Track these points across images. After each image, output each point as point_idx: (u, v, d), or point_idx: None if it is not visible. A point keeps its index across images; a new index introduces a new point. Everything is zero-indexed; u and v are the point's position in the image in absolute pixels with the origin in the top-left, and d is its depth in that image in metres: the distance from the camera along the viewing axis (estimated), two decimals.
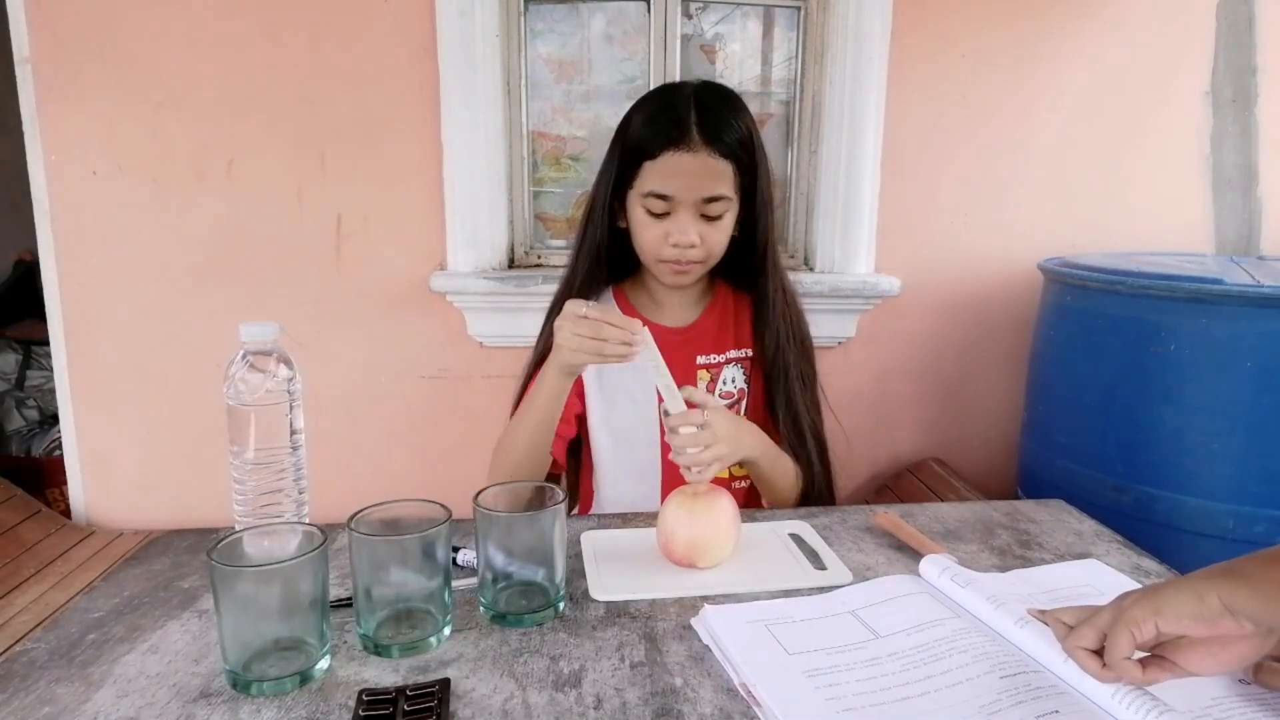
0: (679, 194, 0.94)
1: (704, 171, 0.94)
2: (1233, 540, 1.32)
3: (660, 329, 1.05)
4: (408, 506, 0.66)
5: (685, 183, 0.94)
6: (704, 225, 0.96)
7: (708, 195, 0.94)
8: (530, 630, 0.66)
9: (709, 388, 1.05)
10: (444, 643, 0.64)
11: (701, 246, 0.97)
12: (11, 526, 1.76)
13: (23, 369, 2.51)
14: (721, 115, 0.95)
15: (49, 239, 1.71)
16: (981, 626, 0.64)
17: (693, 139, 0.93)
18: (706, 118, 0.94)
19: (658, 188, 0.95)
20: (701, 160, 0.94)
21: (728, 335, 1.08)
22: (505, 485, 0.72)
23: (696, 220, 0.96)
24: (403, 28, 1.70)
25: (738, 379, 1.07)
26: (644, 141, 0.96)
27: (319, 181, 1.75)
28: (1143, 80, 1.90)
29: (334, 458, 1.82)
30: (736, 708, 0.56)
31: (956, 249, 1.94)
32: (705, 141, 0.94)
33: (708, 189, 0.94)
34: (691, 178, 0.94)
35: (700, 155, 0.94)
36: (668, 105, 0.96)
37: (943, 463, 1.97)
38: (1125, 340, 1.42)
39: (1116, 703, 0.52)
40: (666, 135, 0.94)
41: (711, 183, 0.95)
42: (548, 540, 0.67)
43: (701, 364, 1.06)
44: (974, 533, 0.87)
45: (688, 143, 0.93)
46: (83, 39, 1.65)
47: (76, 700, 0.56)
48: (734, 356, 1.07)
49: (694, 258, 0.97)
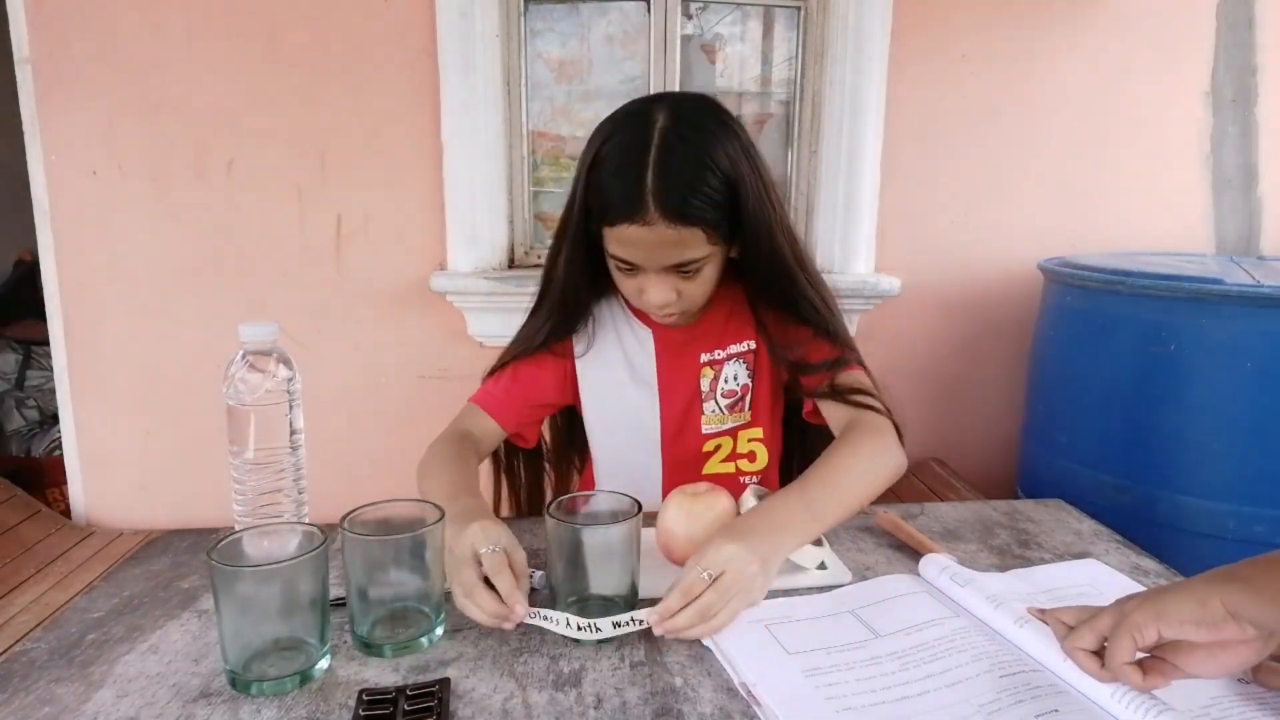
0: (643, 263, 0.88)
1: (665, 243, 0.86)
2: (1233, 540, 1.32)
3: (663, 330, 1.03)
4: (401, 506, 0.66)
5: (647, 254, 0.87)
6: (679, 281, 0.90)
7: (673, 263, 0.88)
8: (530, 630, 0.65)
9: (711, 386, 1.03)
10: (436, 642, 0.64)
11: (679, 300, 0.91)
12: (11, 526, 1.76)
13: (23, 369, 2.51)
14: (684, 176, 0.83)
15: (49, 239, 1.71)
16: (981, 626, 0.64)
17: (649, 214, 0.82)
18: (666, 184, 0.83)
19: (620, 254, 0.88)
20: (659, 233, 0.84)
21: (730, 328, 1.04)
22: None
23: (670, 279, 0.89)
24: (403, 28, 1.70)
25: (740, 375, 1.04)
26: (602, 205, 0.87)
27: (319, 181, 1.75)
28: (1143, 80, 1.90)
29: (334, 458, 1.81)
30: (736, 707, 0.56)
31: (956, 249, 1.94)
32: (663, 215, 0.83)
33: (673, 257, 0.87)
34: (652, 250, 0.86)
35: (658, 229, 0.83)
36: (627, 162, 0.85)
37: (943, 463, 1.97)
38: (1125, 340, 1.42)
39: (1116, 701, 0.52)
40: (620, 209, 0.84)
41: (675, 252, 0.87)
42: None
43: (705, 361, 1.03)
44: (973, 532, 0.87)
45: (644, 218, 0.83)
46: (83, 39, 1.65)
47: (76, 700, 0.56)
48: (736, 351, 1.04)
49: (671, 312, 0.92)
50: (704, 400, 1.03)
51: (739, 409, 1.04)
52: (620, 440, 1.06)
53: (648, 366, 1.03)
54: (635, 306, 0.98)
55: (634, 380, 1.04)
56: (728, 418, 1.03)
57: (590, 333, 1.04)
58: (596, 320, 1.04)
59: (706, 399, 1.03)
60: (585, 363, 1.05)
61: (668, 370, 1.03)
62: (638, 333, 1.04)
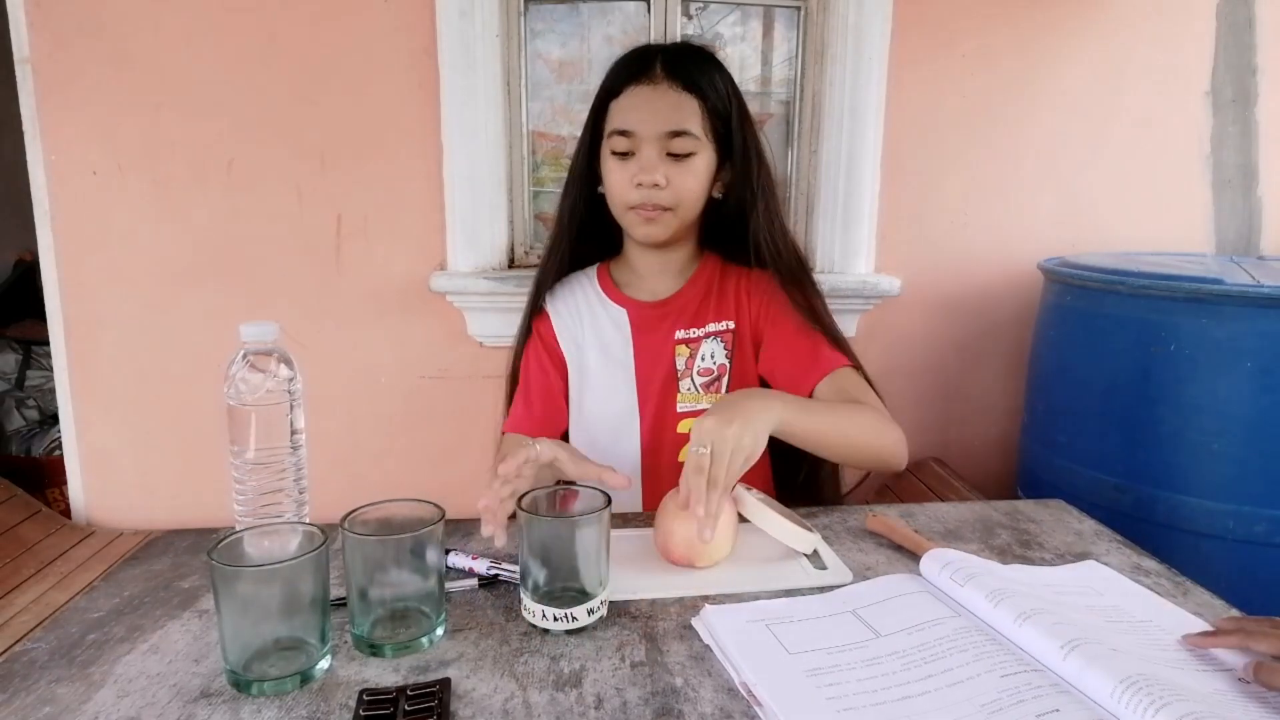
0: (640, 128, 0.93)
1: (666, 105, 0.94)
2: (1233, 540, 1.32)
3: (636, 304, 1.04)
4: (401, 506, 0.66)
5: (647, 116, 0.93)
6: (671, 166, 0.94)
7: (671, 129, 0.93)
8: (531, 631, 0.65)
9: (688, 364, 1.02)
10: (437, 643, 0.64)
11: (669, 190, 0.94)
12: (11, 526, 1.76)
13: (23, 369, 2.51)
14: (689, 55, 0.97)
15: (49, 239, 1.71)
16: (982, 625, 0.64)
17: (655, 73, 0.94)
18: (672, 56, 0.95)
19: (620, 124, 0.95)
20: (662, 93, 0.94)
21: (708, 307, 1.04)
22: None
23: (662, 159, 0.94)
24: (403, 28, 1.70)
25: (717, 354, 1.02)
26: (609, 82, 0.97)
27: (319, 181, 1.74)
28: (1143, 80, 1.90)
29: (334, 458, 1.81)
30: (737, 707, 0.56)
31: (956, 249, 1.93)
32: (667, 75, 0.94)
33: (671, 123, 0.93)
34: (653, 111, 0.93)
35: (661, 88, 0.94)
36: (635, 53, 0.98)
37: (943, 463, 1.97)
38: (1125, 340, 1.42)
39: (1116, 701, 0.52)
40: (630, 71, 0.95)
41: (675, 116, 0.94)
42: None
43: (680, 339, 1.03)
44: (974, 533, 0.87)
45: (650, 76, 0.94)
46: (83, 39, 1.65)
47: (77, 700, 0.56)
48: (714, 330, 1.03)
49: (661, 201, 0.95)
50: (679, 378, 1.02)
51: (715, 388, 1.02)
52: (597, 419, 1.05)
53: (623, 344, 1.04)
54: (624, 207, 0.97)
55: (610, 359, 1.04)
56: (703, 397, 1.02)
57: (569, 311, 1.06)
58: (579, 302, 1.06)
59: (682, 377, 1.02)
60: (567, 342, 1.05)
61: (643, 348, 1.03)
62: (612, 312, 1.05)
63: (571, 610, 0.64)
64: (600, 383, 1.05)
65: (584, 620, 0.65)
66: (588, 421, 1.06)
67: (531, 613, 0.65)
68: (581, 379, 1.06)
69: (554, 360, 1.07)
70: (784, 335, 0.99)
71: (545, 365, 1.06)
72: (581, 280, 1.09)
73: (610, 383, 1.04)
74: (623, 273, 1.08)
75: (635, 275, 1.07)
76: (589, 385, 1.05)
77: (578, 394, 1.06)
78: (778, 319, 1.00)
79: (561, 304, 1.08)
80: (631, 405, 1.03)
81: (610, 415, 1.04)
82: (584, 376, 1.06)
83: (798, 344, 0.98)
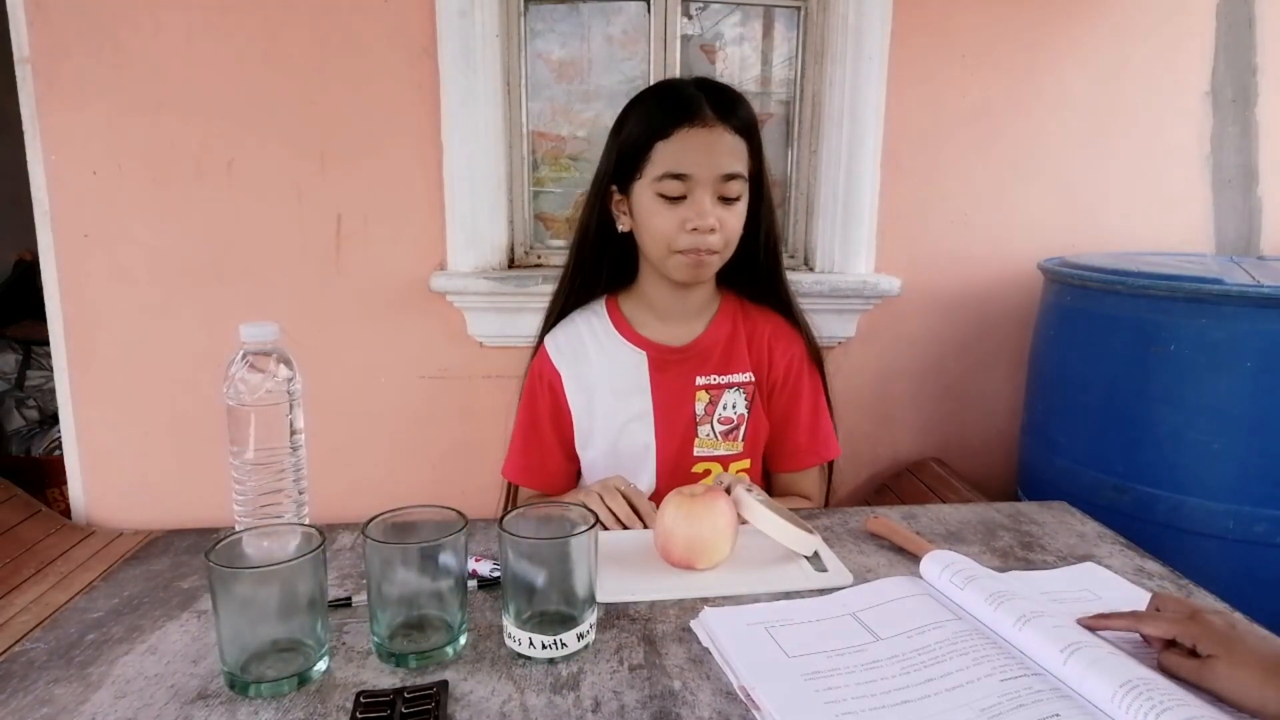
0: (697, 171, 0.91)
1: (721, 147, 0.92)
2: (1233, 540, 1.32)
3: (656, 346, 1.02)
4: (422, 512, 0.65)
5: (703, 158, 0.91)
6: (721, 209, 0.93)
7: (726, 172, 0.92)
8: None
9: (708, 410, 1.01)
10: (461, 652, 0.62)
11: (720, 233, 0.93)
12: (11, 526, 1.76)
13: (23, 369, 2.51)
14: (728, 95, 0.95)
15: (49, 239, 1.71)
16: (982, 629, 0.64)
17: (706, 114, 0.91)
18: (715, 97, 0.93)
19: (673, 167, 0.91)
20: (718, 135, 0.92)
21: (731, 355, 1.02)
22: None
23: (715, 203, 0.92)
24: (403, 28, 1.70)
25: (738, 404, 1.02)
26: (654, 124, 0.93)
27: (319, 181, 1.74)
28: (1143, 80, 1.90)
29: (334, 458, 1.81)
30: (736, 711, 0.56)
31: (956, 249, 1.93)
32: (719, 117, 0.92)
33: (726, 165, 0.92)
34: (709, 153, 0.91)
35: (716, 130, 0.92)
36: (673, 92, 0.95)
37: (943, 463, 1.97)
38: (1125, 340, 1.42)
39: (1116, 705, 0.52)
40: (679, 113, 0.92)
41: (729, 159, 0.92)
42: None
43: (701, 385, 1.01)
44: (976, 534, 0.87)
45: (702, 118, 0.91)
46: (83, 39, 1.64)
47: (75, 701, 0.56)
48: (737, 381, 1.02)
49: (712, 245, 0.93)
50: (699, 424, 1.01)
51: (733, 438, 1.02)
52: (610, 454, 1.04)
53: (640, 385, 1.02)
54: (669, 250, 0.94)
55: (625, 400, 1.02)
56: (720, 444, 1.02)
57: (574, 351, 1.04)
58: (585, 341, 1.04)
59: (701, 422, 1.01)
60: (573, 386, 1.03)
61: (661, 386, 1.02)
62: (628, 353, 1.03)
63: (561, 636, 0.60)
64: (614, 425, 1.02)
65: (573, 647, 0.61)
66: (601, 456, 1.04)
67: (516, 640, 0.61)
68: (591, 421, 1.04)
69: (560, 413, 1.05)
70: (800, 412, 1.05)
71: (550, 421, 1.05)
72: (589, 319, 1.05)
73: (624, 423, 1.02)
74: (637, 310, 1.05)
75: (652, 314, 1.04)
76: (599, 428, 1.03)
77: (585, 436, 1.05)
78: (798, 392, 1.05)
79: (566, 344, 1.05)
80: (649, 443, 1.02)
81: (624, 453, 1.03)
82: (593, 419, 1.03)
83: (813, 422, 1.06)
